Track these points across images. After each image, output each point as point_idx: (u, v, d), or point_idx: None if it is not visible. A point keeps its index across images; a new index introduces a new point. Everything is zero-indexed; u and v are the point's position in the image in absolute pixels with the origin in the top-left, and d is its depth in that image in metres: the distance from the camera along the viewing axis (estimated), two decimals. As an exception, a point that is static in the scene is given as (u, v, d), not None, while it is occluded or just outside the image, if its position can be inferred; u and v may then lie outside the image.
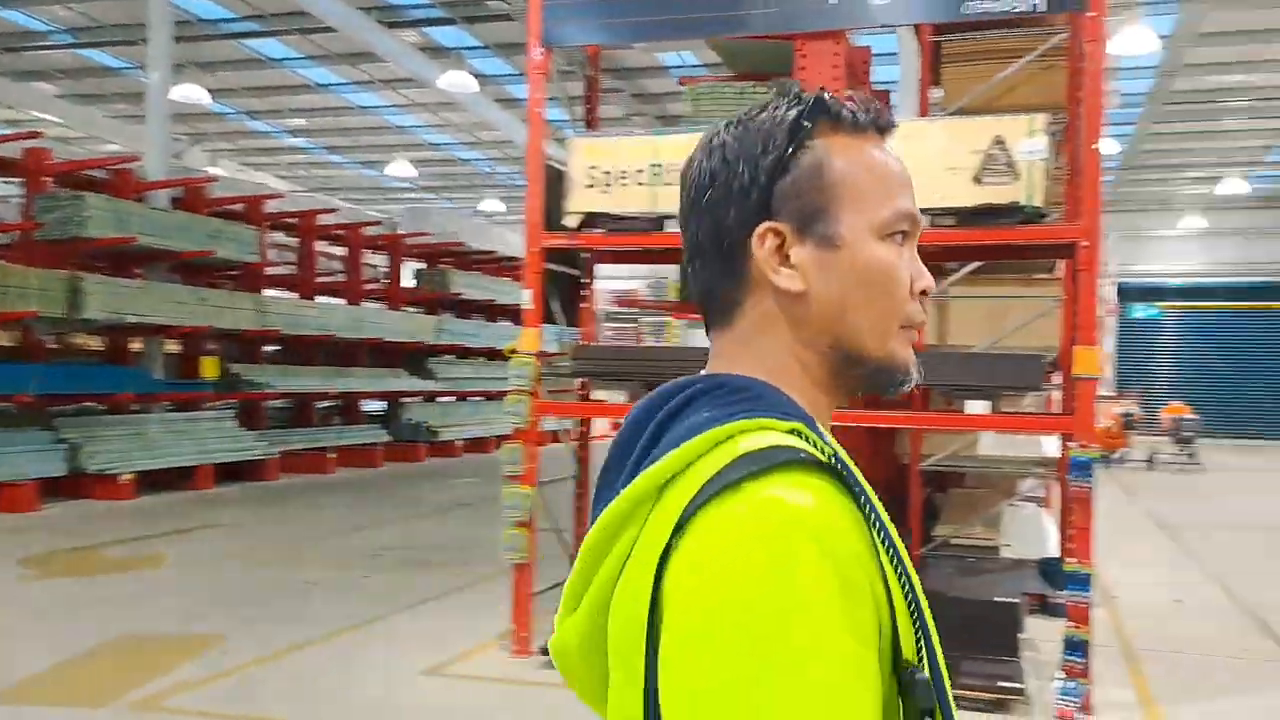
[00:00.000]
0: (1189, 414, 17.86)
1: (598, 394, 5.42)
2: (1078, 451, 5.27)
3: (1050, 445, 7.65)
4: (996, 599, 5.95)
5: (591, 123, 6.07)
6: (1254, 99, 17.78)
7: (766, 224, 0.86)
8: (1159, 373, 27.35)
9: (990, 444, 8.10)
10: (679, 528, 0.74)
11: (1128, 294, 27.27)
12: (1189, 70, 15.97)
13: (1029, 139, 5.30)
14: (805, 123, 0.87)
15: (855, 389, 0.93)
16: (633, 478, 0.79)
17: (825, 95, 0.89)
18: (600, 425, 6.84)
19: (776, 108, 0.89)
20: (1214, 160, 21.90)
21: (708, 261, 0.89)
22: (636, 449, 0.83)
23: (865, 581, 0.73)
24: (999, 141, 5.37)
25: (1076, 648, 5.21)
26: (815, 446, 0.78)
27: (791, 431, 0.79)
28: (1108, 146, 17.86)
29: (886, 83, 8.71)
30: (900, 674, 0.74)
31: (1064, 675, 5.21)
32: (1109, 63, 14.51)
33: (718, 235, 0.88)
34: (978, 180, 5.37)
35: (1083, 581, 5.25)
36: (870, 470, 5.17)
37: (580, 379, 5.36)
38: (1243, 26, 14.44)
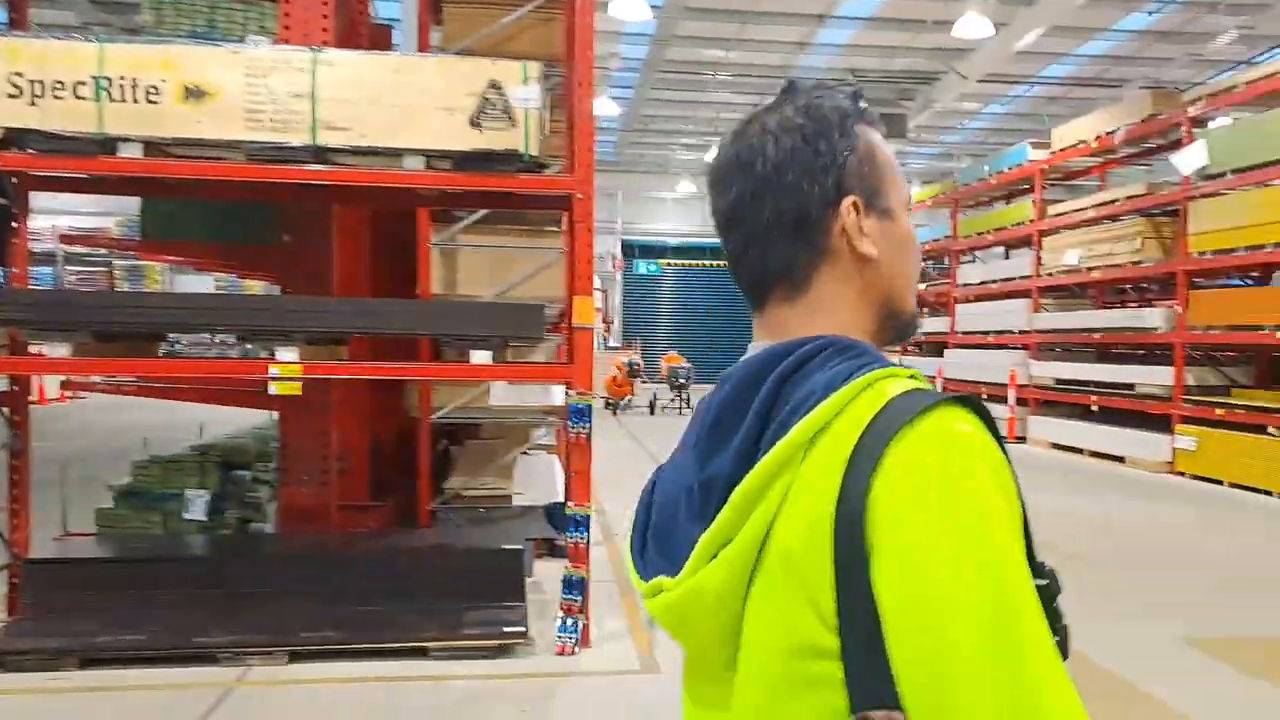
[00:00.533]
0: (683, 363, 19.70)
1: (38, 347, 4.53)
2: (575, 399, 5.39)
3: (559, 394, 7.89)
4: (503, 547, 5.98)
5: (20, 23, 5.05)
6: (735, 74, 19.84)
7: (851, 197, 0.99)
8: (660, 324, 29.98)
9: (502, 394, 8.17)
10: (870, 459, 0.83)
11: (633, 251, 29.50)
12: (680, 41, 17.37)
13: (523, 86, 5.25)
14: (857, 109, 1.03)
15: (889, 341, 1.05)
16: (759, 431, 0.90)
17: (856, 88, 1.06)
18: (52, 386, 5.81)
19: (832, 95, 1.03)
20: (703, 129, 24.23)
21: (785, 236, 1.00)
22: (754, 407, 0.91)
23: (1015, 492, 0.87)
24: (495, 86, 5.26)
25: (575, 587, 5.37)
26: (928, 386, 0.92)
27: (910, 377, 0.91)
28: (609, 108, 18.99)
29: (388, 19, 8.33)
30: (1034, 567, 0.87)
31: (563, 613, 5.36)
32: (607, 24, 15.31)
33: (800, 210, 0.99)
34: (475, 124, 5.24)
35: (582, 524, 5.40)
36: (379, 424, 4.89)
37: (7, 328, 4.44)
38: (724, 5, 15.97)
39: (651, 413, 19.43)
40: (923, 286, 20.02)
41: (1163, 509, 9.76)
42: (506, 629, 5.29)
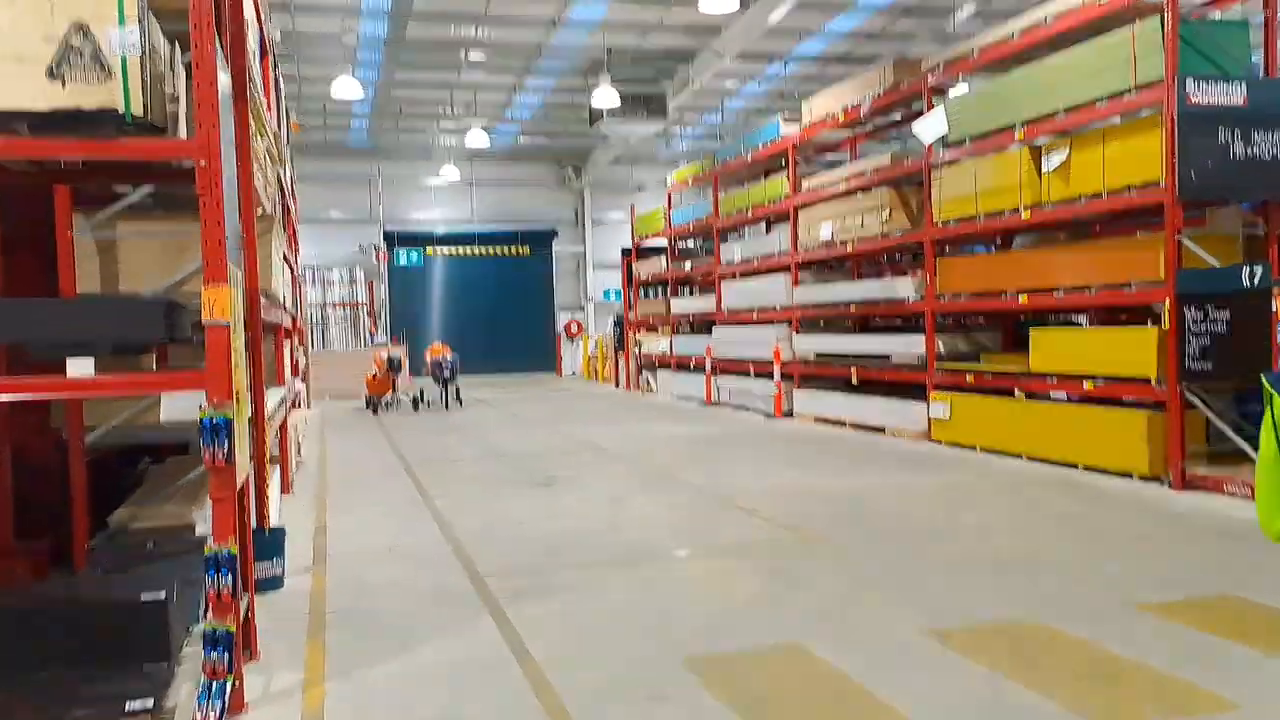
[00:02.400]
0: (448, 354, 18.62)
1: None
2: (209, 411, 4.40)
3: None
4: (143, 598, 4.89)
5: None
6: (489, 54, 18.88)
7: None
8: (429, 317, 28.54)
9: (175, 407, 6.99)
10: None
11: (395, 241, 27.96)
12: (422, 17, 16.26)
13: (120, 29, 4.22)
14: None
15: None
16: None
17: None
18: None
19: None
20: (463, 112, 23.14)
21: None
22: None
23: None
24: (80, 28, 4.21)
25: (218, 643, 4.39)
26: None
27: None
28: (353, 89, 17.64)
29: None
30: None
31: (206, 676, 4.37)
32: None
33: None
34: (55, 76, 4.17)
35: (224, 565, 4.42)
36: (26, 449, 3.78)
37: None
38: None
39: (415, 409, 18.28)
40: (688, 266, 19.79)
41: (914, 480, 9.62)
42: (131, 704, 4.25)
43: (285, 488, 9.69)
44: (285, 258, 11.60)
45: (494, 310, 28.60)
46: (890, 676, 4.50)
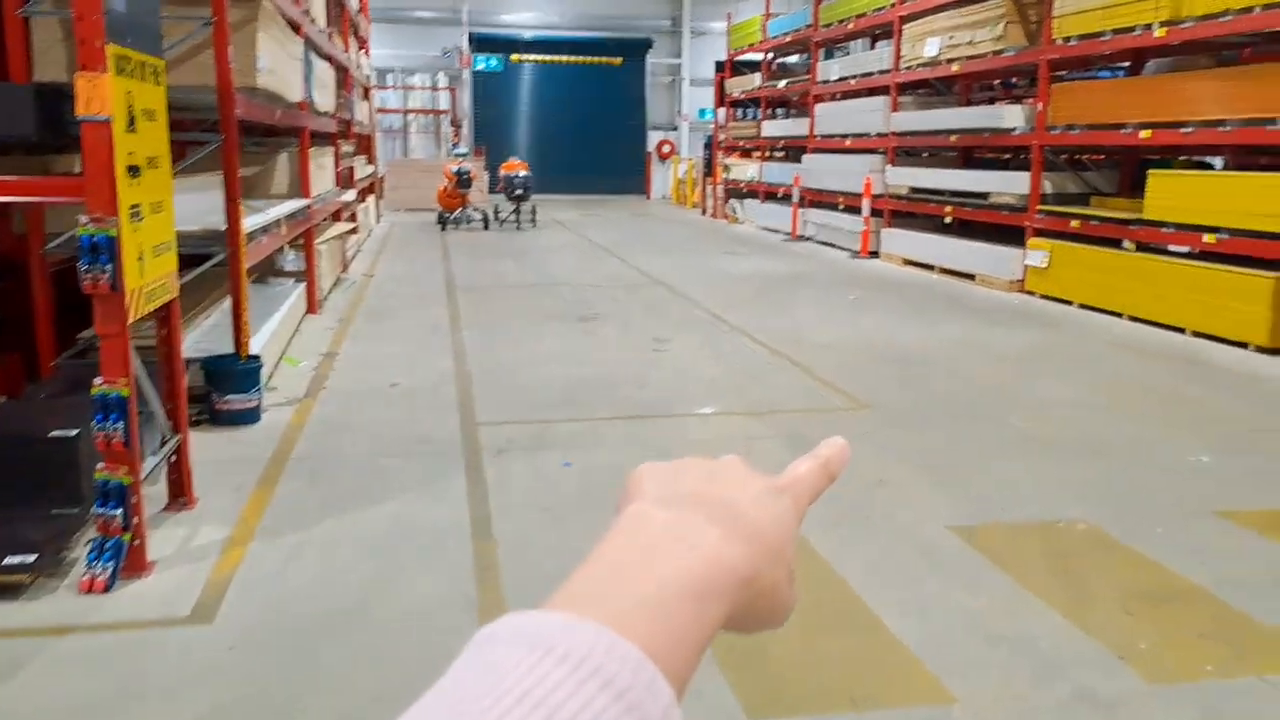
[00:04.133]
0: (521, 170, 17.66)
1: None
2: (87, 228, 3.68)
3: (217, 214, 6.13)
4: (51, 433, 4.35)
5: None
6: None
7: None
8: (511, 128, 27.08)
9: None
10: None
11: (479, 45, 26.36)
12: None
13: None
14: None
15: None
16: None
17: None
18: None
19: None
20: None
21: None
22: None
23: None
24: None
25: (109, 496, 3.82)
26: None
27: None
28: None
29: None
30: None
31: (99, 534, 3.83)
32: None
33: None
34: None
35: (114, 408, 3.80)
36: (11, 262, 2.89)
37: None
38: None
39: (485, 227, 17.53)
40: (782, 84, 18.19)
41: (997, 337, 8.54)
42: (10, 559, 3.73)
43: (311, 308, 9.15)
44: (329, 56, 10.73)
45: (582, 125, 26.92)
46: (887, 579, 3.71)
